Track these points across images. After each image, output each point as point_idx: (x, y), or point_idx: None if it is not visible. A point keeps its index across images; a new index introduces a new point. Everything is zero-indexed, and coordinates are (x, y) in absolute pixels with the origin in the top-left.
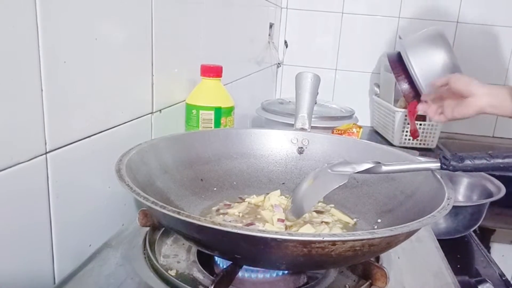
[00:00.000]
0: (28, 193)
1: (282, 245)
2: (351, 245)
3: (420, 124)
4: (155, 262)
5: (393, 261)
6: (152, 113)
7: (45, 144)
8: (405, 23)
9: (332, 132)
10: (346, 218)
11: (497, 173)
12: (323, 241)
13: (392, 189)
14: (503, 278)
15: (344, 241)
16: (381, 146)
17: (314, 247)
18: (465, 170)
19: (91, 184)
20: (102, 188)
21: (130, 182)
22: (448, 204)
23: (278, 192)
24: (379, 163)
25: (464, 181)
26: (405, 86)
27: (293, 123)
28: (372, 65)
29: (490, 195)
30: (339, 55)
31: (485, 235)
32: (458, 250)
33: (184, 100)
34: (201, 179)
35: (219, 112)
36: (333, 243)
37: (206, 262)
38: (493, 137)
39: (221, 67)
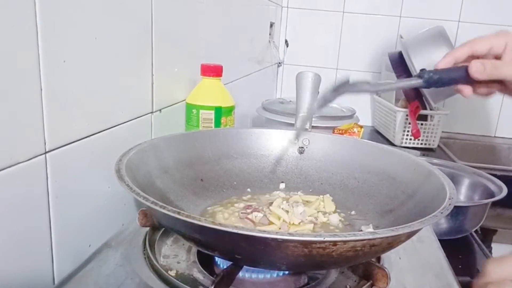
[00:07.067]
0: (28, 193)
1: (282, 246)
2: (352, 245)
3: (422, 124)
4: (155, 262)
5: (394, 261)
6: (152, 112)
7: (45, 143)
8: (406, 22)
9: (333, 132)
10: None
11: (499, 173)
12: (324, 241)
13: (393, 189)
14: None
15: (345, 241)
16: (382, 146)
17: (315, 247)
18: (443, 81)
19: (90, 184)
20: (101, 188)
21: (129, 182)
22: (450, 204)
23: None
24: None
25: (466, 181)
26: None
27: (293, 122)
28: (373, 65)
29: (491, 195)
30: (340, 55)
31: (487, 236)
32: (460, 251)
33: (184, 100)
34: (201, 179)
35: (219, 112)
36: (334, 243)
37: (206, 262)
38: (494, 136)
39: (221, 67)
